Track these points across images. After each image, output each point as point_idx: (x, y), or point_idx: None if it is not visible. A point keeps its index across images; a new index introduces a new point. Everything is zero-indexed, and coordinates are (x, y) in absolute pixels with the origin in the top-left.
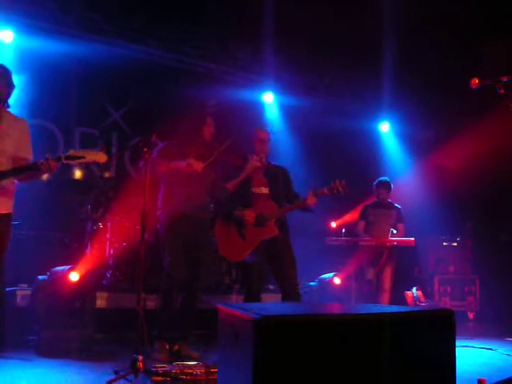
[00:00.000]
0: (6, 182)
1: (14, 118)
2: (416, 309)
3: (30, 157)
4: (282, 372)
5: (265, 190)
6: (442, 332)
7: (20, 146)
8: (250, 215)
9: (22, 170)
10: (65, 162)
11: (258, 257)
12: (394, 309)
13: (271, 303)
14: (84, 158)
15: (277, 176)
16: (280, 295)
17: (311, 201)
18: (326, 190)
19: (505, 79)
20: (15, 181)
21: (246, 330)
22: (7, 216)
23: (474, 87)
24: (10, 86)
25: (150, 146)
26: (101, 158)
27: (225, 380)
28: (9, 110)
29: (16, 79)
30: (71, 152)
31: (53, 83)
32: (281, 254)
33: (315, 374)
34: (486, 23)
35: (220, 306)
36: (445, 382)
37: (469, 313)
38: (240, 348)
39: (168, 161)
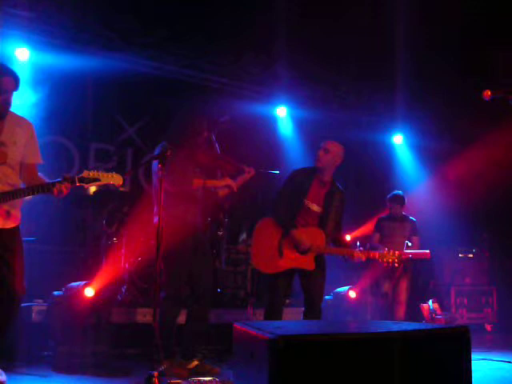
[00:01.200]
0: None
1: (17, 120)
2: (430, 326)
3: (40, 160)
4: None
5: (316, 208)
6: (457, 349)
7: (27, 151)
8: (305, 244)
9: (32, 191)
10: (79, 184)
11: (288, 274)
12: (411, 326)
13: (287, 322)
14: (99, 180)
15: (334, 198)
16: (296, 309)
17: (359, 259)
18: (377, 255)
19: None
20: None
21: (261, 349)
22: (15, 229)
23: (486, 99)
24: (18, 87)
25: (164, 161)
26: (117, 180)
27: None
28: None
29: (32, 96)
30: (85, 173)
31: (68, 99)
32: (311, 280)
33: None
34: (500, 35)
35: (236, 325)
36: None
37: (486, 325)
38: (256, 367)
39: (202, 178)
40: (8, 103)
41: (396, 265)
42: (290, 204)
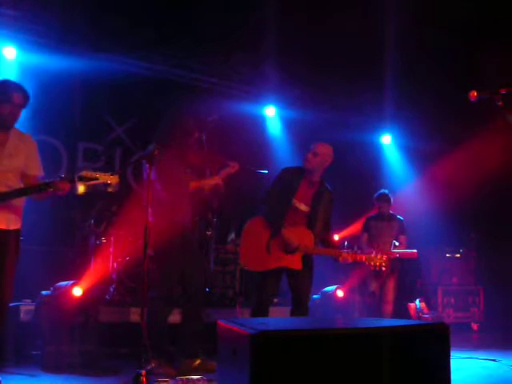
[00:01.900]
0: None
1: (21, 136)
2: (413, 322)
3: (41, 173)
4: None
5: (304, 208)
6: (437, 344)
7: (28, 164)
8: (293, 244)
9: (27, 192)
10: (78, 182)
11: (276, 273)
12: (392, 322)
13: (271, 318)
14: (98, 179)
15: (322, 199)
16: (284, 308)
17: (345, 261)
18: (364, 258)
19: (503, 91)
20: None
21: (243, 345)
22: (15, 232)
23: (472, 99)
24: (26, 105)
25: (151, 160)
26: (113, 179)
27: None
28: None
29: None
30: (84, 172)
31: (56, 99)
32: (299, 278)
33: None
34: (489, 37)
35: (220, 322)
36: None
37: (473, 324)
38: (238, 363)
39: (196, 179)
40: (14, 116)
41: (383, 268)
42: (279, 203)
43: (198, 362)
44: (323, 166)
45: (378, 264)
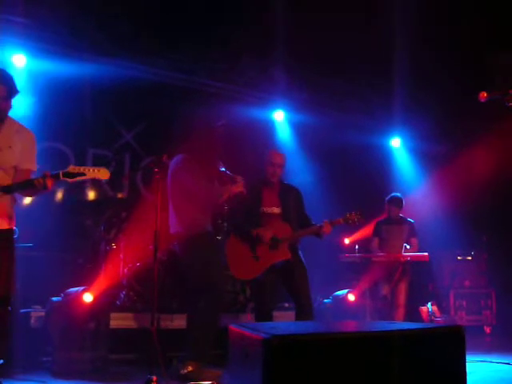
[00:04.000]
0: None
1: (18, 127)
2: (425, 326)
3: (34, 167)
4: None
5: (276, 210)
6: (452, 347)
7: (22, 157)
8: (266, 235)
9: (14, 188)
10: (63, 179)
11: (271, 277)
12: (404, 326)
13: (282, 323)
14: (84, 174)
15: (289, 196)
16: (293, 313)
17: (327, 229)
18: (341, 220)
19: None
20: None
21: (255, 349)
22: (6, 232)
23: (482, 100)
24: (12, 94)
25: (161, 166)
26: (102, 174)
27: None
28: (13, 118)
29: (29, 102)
30: (70, 168)
31: (65, 106)
32: (294, 273)
33: None
34: (496, 37)
35: (231, 327)
36: None
37: (485, 327)
38: (250, 368)
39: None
40: (2, 109)
41: (357, 221)
42: (251, 216)
43: (189, 369)
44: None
45: (355, 219)
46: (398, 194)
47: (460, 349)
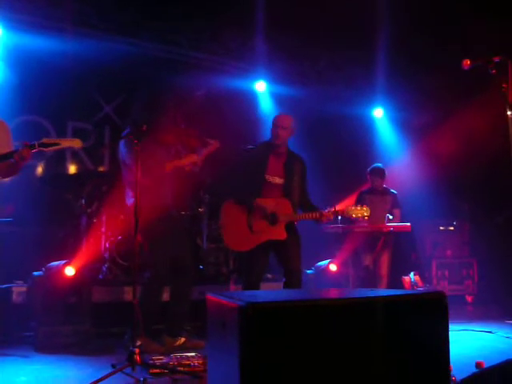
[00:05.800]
0: None
1: None
2: (408, 292)
3: (11, 149)
4: (270, 359)
5: (279, 181)
6: (434, 315)
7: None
8: (266, 210)
9: None
10: (38, 149)
11: (262, 248)
12: (387, 292)
13: (263, 291)
14: (59, 144)
15: (294, 169)
16: (278, 284)
17: (328, 219)
18: (345, 211)
19: (496, 59)
20: None
21: (232, 317)
22: None
23: (466, 68)
24: None
25: (140, 136)
26: (76, 143)
27: (214, 370)
28: None
29: (6, 75)
30: (45, 139)
31: (44, 78)
32: (286, 241)
33: (305, 360)
34: (479, 4)
35: (208, 296)
36: (439, 364)
37: (467, 296)
38: (227, 336)
39: (171, 160)
40: None
41: (366, 218)
42: (252, 182)
43: (182, 340)
44: (290, 136)
45: (360, 215)
46: (380, 165)
47: (443, 315)
